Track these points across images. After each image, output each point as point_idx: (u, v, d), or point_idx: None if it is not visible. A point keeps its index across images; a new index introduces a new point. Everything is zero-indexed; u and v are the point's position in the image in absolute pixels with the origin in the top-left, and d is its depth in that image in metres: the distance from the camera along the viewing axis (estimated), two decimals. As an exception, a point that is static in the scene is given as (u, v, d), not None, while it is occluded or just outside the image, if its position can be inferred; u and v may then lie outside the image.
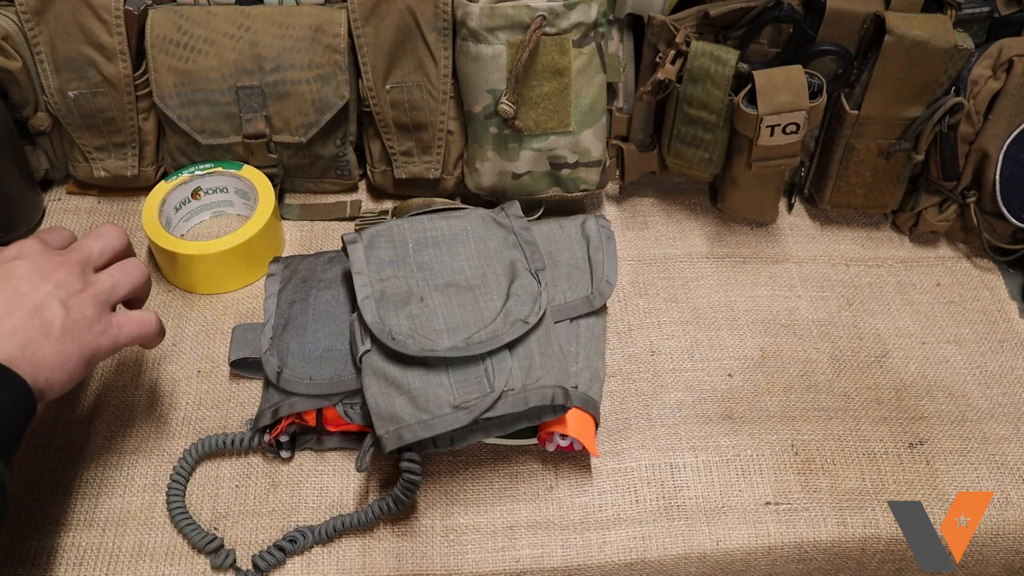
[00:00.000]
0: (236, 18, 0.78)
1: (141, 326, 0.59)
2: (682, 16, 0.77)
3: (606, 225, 0.77)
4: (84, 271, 0.58)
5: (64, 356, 0.53)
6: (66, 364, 0.53)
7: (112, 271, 0.60)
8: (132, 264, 0.61)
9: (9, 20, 0.77)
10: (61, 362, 0.53)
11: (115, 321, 0.57)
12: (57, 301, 0.54)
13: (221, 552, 0.62)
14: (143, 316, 0.60)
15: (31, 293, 0.54)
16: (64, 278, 0.56)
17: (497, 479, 0.67)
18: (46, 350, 0.53)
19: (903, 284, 0.83)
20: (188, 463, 0.66)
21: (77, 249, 0.59)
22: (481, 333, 0.64)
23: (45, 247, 0.58)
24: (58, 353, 0.53)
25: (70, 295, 0.55)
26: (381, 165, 0.85)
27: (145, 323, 0.60)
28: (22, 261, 0.56)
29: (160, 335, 0.62)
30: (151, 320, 0.60)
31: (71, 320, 0.54)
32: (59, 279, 0.56)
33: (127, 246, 0.62)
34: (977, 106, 0.77)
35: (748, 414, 0.72)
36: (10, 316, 0.52)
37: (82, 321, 0.55)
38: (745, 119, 0.74)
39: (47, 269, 0.56)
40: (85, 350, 0.55)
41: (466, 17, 0.73)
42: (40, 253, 0.57)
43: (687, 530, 0.65)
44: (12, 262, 0.56)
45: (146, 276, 0.62)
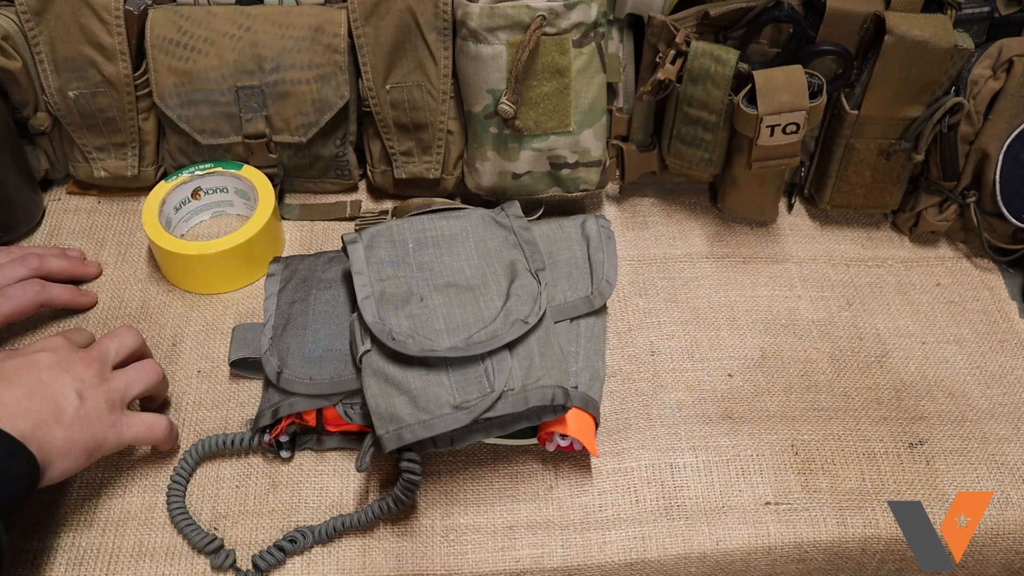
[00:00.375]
0: (236, 18, 0.78)
1: (149, 429, 0.63)
2: (682, 16, 0.77)
3: (606, 225, 0.77)
4: (102, 368, 0.62)
5: (70, 443, 0.57)
6: (70, 451, 0.57)
7: (128, 371, 0.64)
8: (148, 365, 0.66)
9: (9, 20, 0.77)
10: (66, 448, 0.57)
11: (125, 420, 0.61)
12: (73, 391, 0.59)
13: (221, 552, 0.62)
14: (153, 421, 0.64)
15: (50, 382, 0.59)
16: (82, 372, 0.60)
17: (497, 479, 0.67)
18: (56, 434, 0.57)
19: (903, 284, 0.83)
20: (188, 464, 0.66)
21: (95, 347, 0.64)
22: (481, 333, 0.64)
23: (68, 343, 0.63)
24: (66, 439, 0.57)
25: (86, 387, 0.60)
26: (381, 165, 0.85)
27: (154, 427, 0.64)
28: (46, 354, 0.61)
29: (170, 439, 0.66)
30: (161, 426, 0.64)
31: (83, 410, 0.59)
32: (77, 372, 0.60)
33: (141, 345, 0.67)
34: (977, 106, 0.77)
35: (748, 414, 0.72)
36: (29, 399, 0.57)
37: (93, 412, 0.59)
38: (745, 119, 0.74)
39: (68, 362, 0.60)
40: (91, 441, 0.58)
41: (466, 17, 0.73)
42: (63, 348, 0.62)
43: (687, 530, 0.65)
44: (36, 354, 0.61)
45: (160, 376, 0.66)
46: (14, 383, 0.58)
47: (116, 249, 0.82)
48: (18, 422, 0.55)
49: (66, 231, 0.84)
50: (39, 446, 0.55)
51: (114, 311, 0.77)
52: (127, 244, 0.83)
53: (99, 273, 0.80)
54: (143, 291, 0.79)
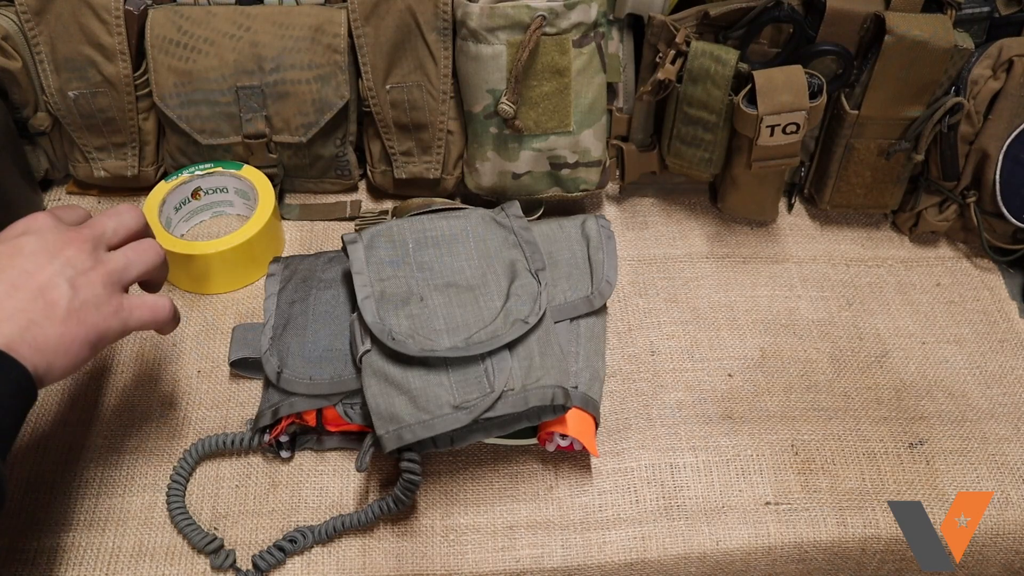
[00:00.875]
0: (236, 18, 0.78)
1: (154, 311, 0.57)
2: (682, 16, 0.77)
3: (606, 225, 0.77)
4: (96, 249, 0.55)
5: (68, 339, 0.51)
6: (70, 347, 0.51)
7: (126, 250, 0.57)
8: (148, 244, 0.59)
9: (9, 20, 0.77)
10: (64, 345, 0.51)
11: (126, 303, 0.55)
12: (64, 280, 0.52)
13: (221, 552, 0.62)
14: (157, 300, 0.58)
15: (36, 272, 0.52)
16: (73, 255, 0.53)
17: (497, 479, 0.67)
18: (48, 333, 0.51)
19: (903, 284, 0.83)
20: (188, 463, 0.66)
21: (90, 225, 0.56)
22: (481, 333, 0.64)
23: (56, 222, 0.56)
24: (61, 336, 0.51)
25: (78, 274, 0.53)
26: (381, 165, 0.85)
27: (158, 308, 0.57)
28: (30, 237, 0.54)
29: (175, 321, 0.59)
30: (165, 305, 0.58)
31: (78, 300, 0.52)
32: (68, 256, 0.53)
33: (144, 226, 0.60)
34: (977, 106, 0.77)
35: (748, 414, 0.72)
36: (11, 297, 0.50)
37: (90, 302, 0.53)
38: (745, 119, 0.74)
39: (56, 246, 0.53)
40: (91, 332, 0.52)
41: (466, 17, 0.73)
42: (50, 229, 0.55)
43: (687, 530, 0.65)
44: (20, 238, 0.54)
45: (162, 257, 0.59)
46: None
47: (116, 249, 0.82)
48: (3, 326, 0.49)
49: (66, 231, 0.84)
50: (32, 349, 0.49)
51: (114, 311, 0.77)
52: (127, 244, 0.83)
53: None
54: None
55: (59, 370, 0.51)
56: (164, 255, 0.60)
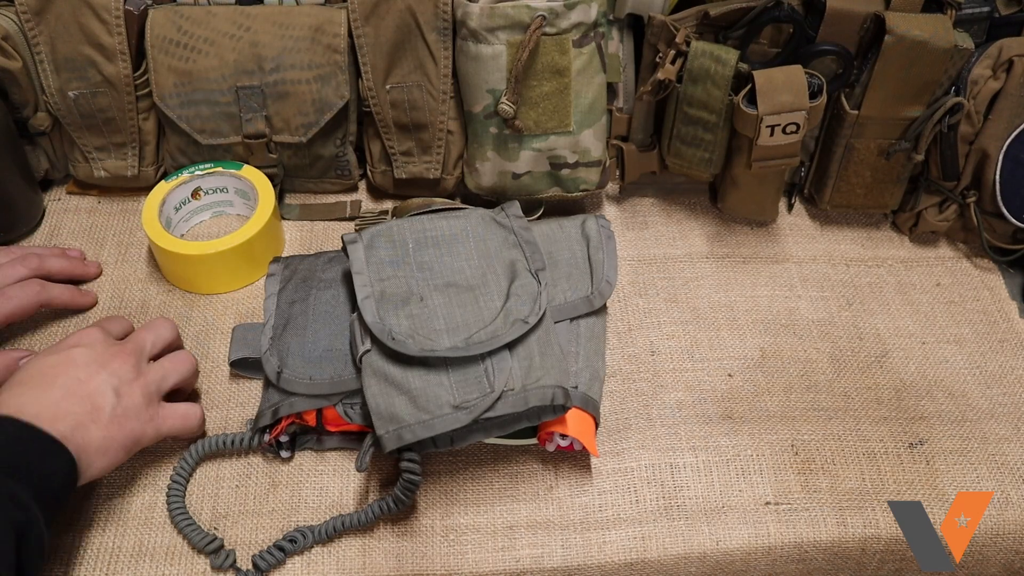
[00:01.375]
0: (236, 18, 0.78)
1: (185, 420, 0.64)
2: (682, 16, 0.77)
3: (606, 225, 0.77)
4: (138, 362, 0.63)
5: (109, 441, 0.58)
6: (108, 449, 0.58)
7: (164, 363, 0.65)
8: (183, 356, 0.67)
9: (9, 20, 0.77)
10: (105, 447, 0.58)
11: (161, 412, 0.62)
12: (110, 388, 0.59)
13: (221, 552, 0.62)
14: (188, 411, 0.65)
15: (88, 380, 0.59)
16: (119, 367, 0.61)
17: (497, 479, 0.67)
18: (94, 434, 0.57)
19: (903, 284, 0.83)
20: (188, 464, 0.66)
21: (132, 340, 0.64)
22: (481, 333, 0.64)
23: (106, 336, 0.63)
24: (104, 438, 0.58)
25: (123, 383, 0.60)
26: (381, 165, 0.85)
27: (189, 417, 0.65)
28: (82, 349, 0.61)
29: (202, 426, 0.67)
30: (195, 415, 0.65)
31: (121, 407, 0.59)
32: (114, 368, 0.61)
33: (177, 337, 0.69)
34: (977, 106, 0.77)
35: (748, 414, 0.72)
36: (67, 400, 0.57)
37: (131, 409, 0.60)
38: (745, 119, 0.74)
39: (104, 358, 0.61)
40: (129, 437, 0.59)
41: (466, 17, 0.73)
42: (100, 342, 0.62)
43: (687, 530, 0.65)
44: (73, 349, 0.61)
45: (194, 367, 0.67)
46: (53, 384, 0.58)
47: (116, 249, 0.82)
48: (58, 424, 0.56)
49: (66, 231, 0.84)
50: (77, 447, 0.56)
51: (114, 311, 0.77)
52: (127, 244, 0.83)
53: (99, 273, 0.80)
54: (143, 291, 0.79)
55: (96, 469, 0.58)
56: (195, 364, 0.68)
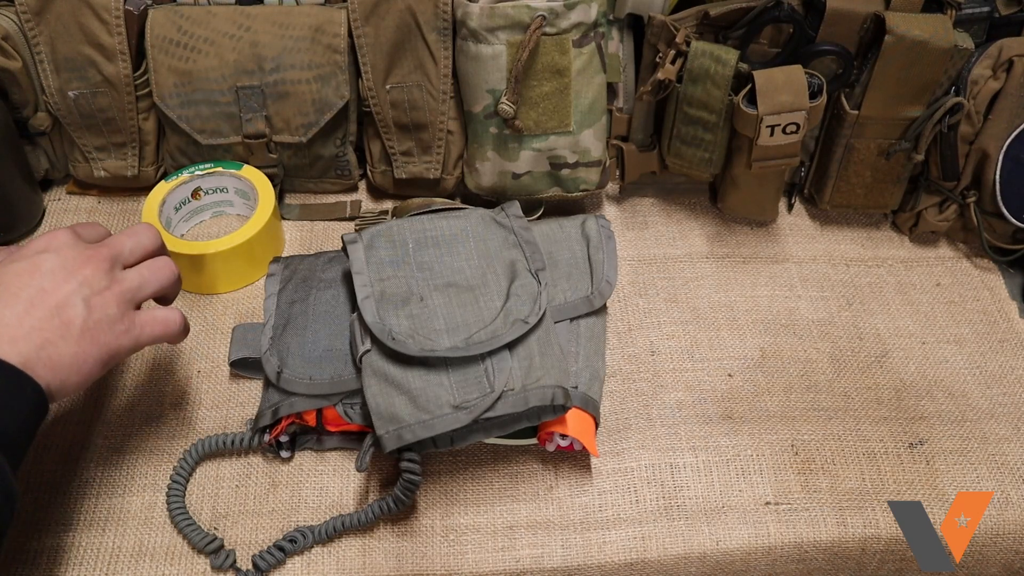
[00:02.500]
0: (236, 18, 0.78)
1: (165, 325, 0.59)
2: (682, 16, 0.77)
3: (606, 225, 0.77)
4: (112, 268, 0.57)
5: (81, 357, 0.53)
6: (82, 366, 0.53)
7: (140, 269, 0.59)
8: (162, 263, 0.60)
9: (9, 20, 0.77)
10: (78, 363, 0.53)
11: (138, 320, 0.57)
12: (80, 299, 0.54)
13: (221, 552, 0.62)
14: (167, 315, 0.59)
15: (54, 290, 0.53)
16: (90, 275, 0.55)
17: (497, 479, 0.67)
18: (63, 351, 0.52)
19: (903, 284, 0.83)
20: (188, 464, 0.66)
21: (108, 245, 0.58)
22: (481, 333, 0.64)
23: (76, 240, 0.57)
24: (76, 354, 0.53)
25: (94, 293, 0.55)
26: (381, 165, 0.85)
27: (169, 322, 0.59)
28: (49, 255, 0.55)
29: (184, 332, 0.61)
30: (175, 319, 0.59)
31: (92, 320, 0.54)
32: (85, 276, 0.55)
33: (160, 245, 0.62)
34: (977, 106, 0.77)
35: (748, 414, 0.72)
36: (30, 315, 0.52)
37: (104, 321, 0.54)
38: (745, 119, 0.74)
39: (74, 265, 0.55)
40: (104, 351, 0.54)
41: (466, 17, 0.73)
42: (69, 247, 0.56)
43: (687, 530, 0.65)
44: (39, 255, 0.55)
45: (175, 275, 0.61)
46: (14, 295, 0.53)
47: (116, 249, 0.82)
48: (20, 344, 0.51)
49: (66, 231, 0.84)
50: (46, 367, 0.51)
51: (114, 311, 0.77)
52: (127, 244, 0.83)
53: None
54: (143, 291, 0.79)
55: (71, 387, 0.53)
56: (178, 272, 0.61)
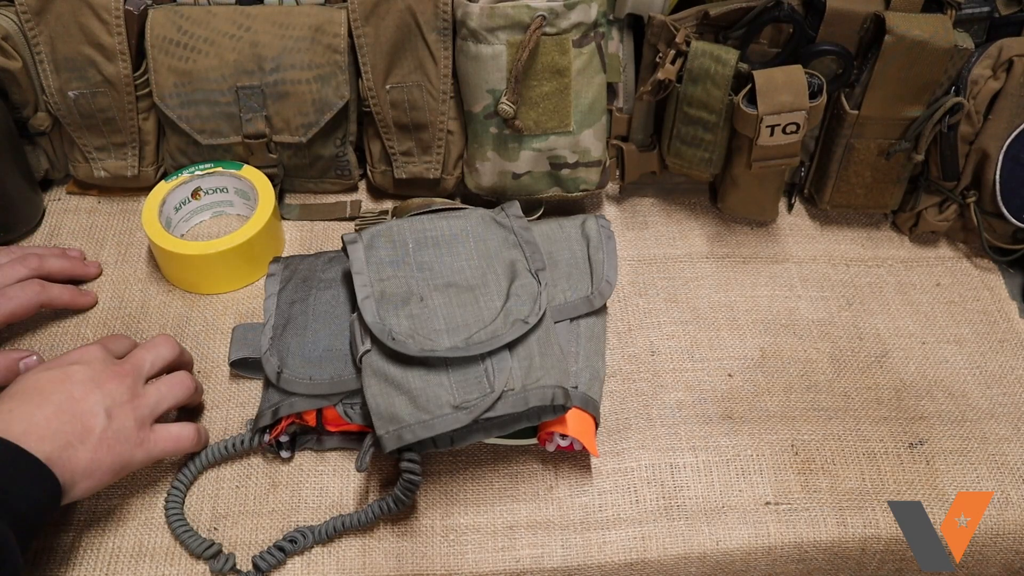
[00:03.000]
0: (236, 18, 0.78)
1: (177, 442, 0.63)
2: (682, 16, 0.77)
3: (606, 225, 0.77)
4: (135, 384, 0.61)
5: (95, 464, 0.57)
6: (95, 471, 0.57)
7: (159, 385, 0.63)
8: (180, 378, 0.65)
9: (9, 20, 0.77)
10: (91, 469, 0.57)
11: (153, 436, 0.61)
12: (102, 409, 0.58)
13: (220, 556, 0.62)
14: (181, 432, 0.63)
15: (81, 399, 0.58)
16: (114, 388, 0.60)
17: (497, 479, 0.67)
18: (81, 456, 0.56)
19: (903, 284, 0.83)
20: (189, 475, 0.65)
21: (130, 361, 0.63)
22: (481, 333, 0.64)
23: (106, 355, 0.62)
24: (91, 460, 0.57)
25: (115, 405, 0.59)
26: (381, 165, 0.85)
27: (182, 439, 0.63)
28: (80, 367, 0.60)
29: (201, 445, 0.65)
30: (188, 437, 0.64)
31: (111, 429, 0.58)
32: (109, 389, 0.59)
33: (178, 355, 0.67)
34: (977, 106, 0.77)
35: (748, 414, 0.72)
36: (58, 418, 0.56)
37: (121, 432, 0.59)
38: (745, 119, 0.74)
39: (101, 378, 0.60)
40: (117, 460, 0.58)
41: (466, 17, 0.73)
42: (99, 360, 0.61)
43: (687, 530, 0.65)
44: (71, 366, 0.60)
45: (191, 390, 0.65)
46: (45, 400, 0.57)
47: (116, 249, 0.82)
48: (45, 444, 0.55)
49: (66, 231, 0.84)
50: (63, 468, 0.55)
51: (114, 311, 0.77)
52: (127, 244, 0.83)
53: (99, 273, 0.80)
54: (143, 291, 0.79)
55: (80, 490, 0.57)
56: (195, 386, 0.66)
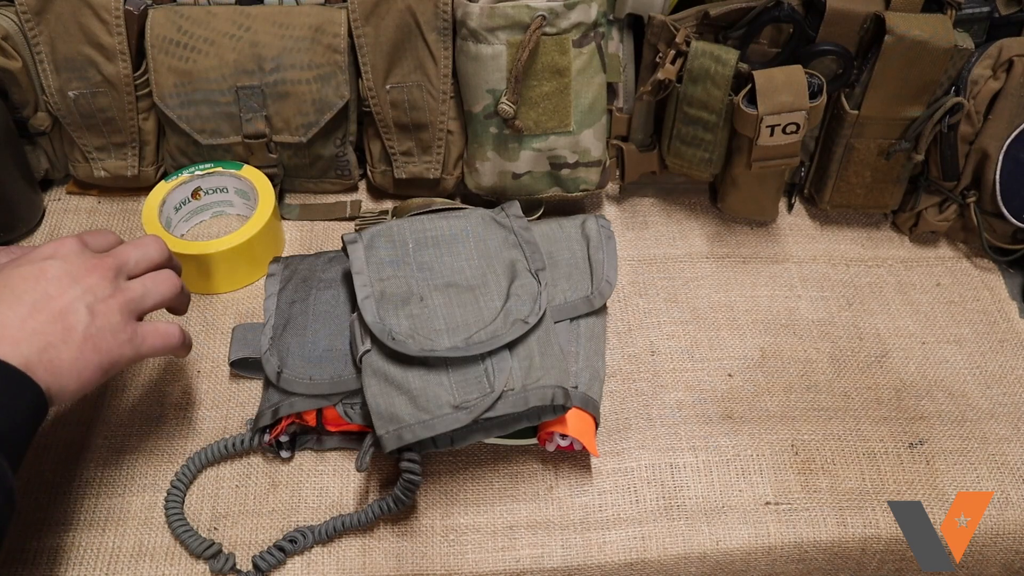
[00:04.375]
0: (236, 18, 0.78)
1: (165, 338, 0.59)
2: (682, 16, 0.77)
3: (606, 225, 0.77)
4: (116, 277, 0.57)
5: (82, 363, 0.53)
6: (83, 371, 0.53)
7: (144, 280, 0.59)
8: (165, 275, 0.61)
9: (9, 20, 0.77)
10: (78, 369, 0.53)
11: (140, 331, 0.57)
12: (83, 306, 0.54)
13: (220, 557, 0.62)
14: (167, 328, 0.60)
15: (58, 296, 0.54)
16: (95, 283, 0.56)
17: (497, 479, 0.67)
18: (64, 356, 0.53)
19: (903, 284, 0.83)
20: (189, 472, 0.65)
21: (113, 255, 0.59)
22: (481, 333, 0.64)
23: (82, 248, 0.58)
24: (76, 359, 0.53)
25: (98, 300, 0.55)
26: (381, 165, 0.85)
27: (168, 335, 0.59)
28: (55, 261, 0.56)
29: (185, 347, 0.62)
30: (174, 332, 0.60)
31: (94, 326, 0.54)
32: (89, 283, 0.55)
33: (166, 258, 0.62)
34: (977, 106, 0.77)
35: (748, 414, 0.72)
36: (33, 318, 0.53)
37: (106, 328, 0.55)
38: (745, 119, 0.74)
39: (79, 272, 0.55)
40: (104, 358, 0.54)
41: (466, 17, 0.73)
42: (75, 254, 0.57)
43: (687, 530, 0.65)
44: (45, 261, 0.56)
45: (178, 288, 0.61)
46: (19, 299, 0.53)
47: (116, 249, 0.82)
48: (22, 346, 0.51)
49: (66, 231, 0.84)
50: (47, 370, 0.52)
51: (114, 311, 0.77)
52: (127, 244, 0.83)
53: None
54: (143, 291, 0.79)
55: (70, 392, 0.53)
56: (181, 285, 0.62)
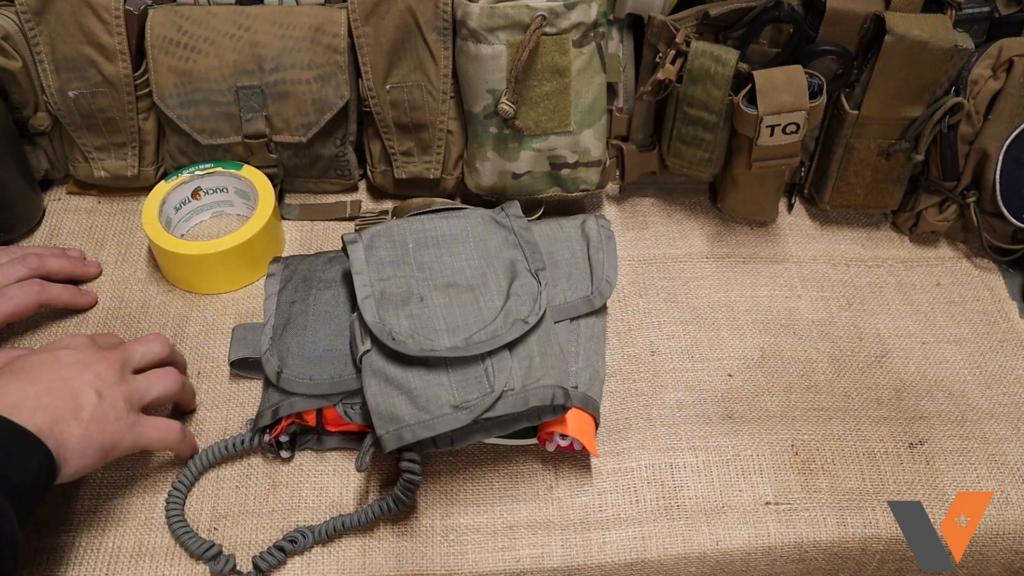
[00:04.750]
0: (236, 18, 0.78)
1: (164, 432, 0.63)
2: (682, 16, 0.77)
3: (606, 225, 0.77)
4: (123, 369, 0.62)
5: (86, 441, 0.57)
6: (86, 449, 0.57)
7: (149, 375, 0.64)
8: (167, 372, 0.65)
9: (9, 20, 0.77)
10: (82, 447, 0.57)
11: (141, 421, 0.61)
12: (93, 389, 0.59)
13: (220, 558, 0.62)
14: (168, 424, 0.64)
15: (71, 378, 0.59)
16: (103, 370, 0.61)
17: (497, 479, 0.67)
18: (73, 432, 0.57)
19: (903, 284, 0.83)
20: (190, 475, 0.65)
21: (120, 349, 0.64)
22: (481, 333, 0.64)
23: (93, 343, 0.63)
24: (82, 437, 0.57)
25: (106, 386, 0.60)
26: (381, 165, 0.85)
27: (168, 430, 0.64)
28: (69, 351, 0.61)
29: (187, 445, 0.65)
30: (174, 429, 0.64)
31: (101, 408, 0.59)
32: (98, 370, 0.60)
33: (169, 354, 0.67)
34: (977, 106, 0.77)
35: (748, 414, 0.72)
36: (48, 395, 0.57)
37: (111, 412, 0.59)
38: (745, 119, 0.74)
39: (90, 360, 0.61)
40: (107, 440, 0.58)
41: (466, 17, 0.73)
42: (86, 346, 0.62)
43: (687, 530, 0.65)
44: (59, 350, 0.61)
45: (179, 384, 0.66)
46: (35, 378, 0.58)
47: (116, 249, 0.82)
48: (36, 417, 0.55)
49: (66, 231, 0.84)
50: (56, 442, 0.55)
51: (114, 311, 0.77)
52: (127, 244, 0.83)
53: (99, 273, 0.80)
54: (143, 291, 0.79)
55: (71, 468, 0.57)
56: (183, 381, 0.67)
